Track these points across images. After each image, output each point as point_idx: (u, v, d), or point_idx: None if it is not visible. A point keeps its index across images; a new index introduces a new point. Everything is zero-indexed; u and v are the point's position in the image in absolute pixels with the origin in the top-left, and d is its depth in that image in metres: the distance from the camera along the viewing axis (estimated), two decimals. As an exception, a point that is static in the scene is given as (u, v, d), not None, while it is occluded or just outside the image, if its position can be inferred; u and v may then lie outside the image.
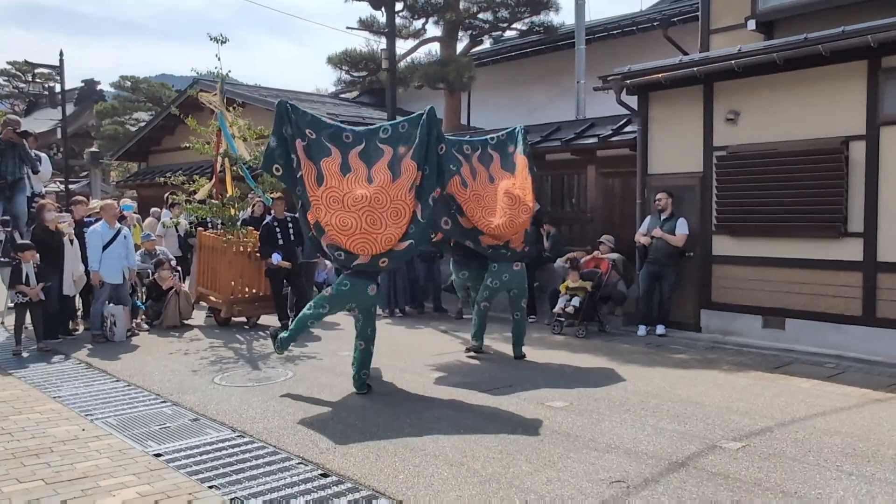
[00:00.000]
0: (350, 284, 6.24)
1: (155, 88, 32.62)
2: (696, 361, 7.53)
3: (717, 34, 9.80)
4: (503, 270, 7.53)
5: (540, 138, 11.69)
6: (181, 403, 5.97)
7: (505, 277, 7.54)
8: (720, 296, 8.79)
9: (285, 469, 4.49)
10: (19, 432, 5.22)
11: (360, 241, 5.95)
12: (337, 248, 6.04)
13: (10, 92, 44.16)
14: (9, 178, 8.78)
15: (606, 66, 10.36)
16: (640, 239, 9.16)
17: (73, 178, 28.16)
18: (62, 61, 25.37)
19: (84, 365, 7.49)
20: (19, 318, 8.10)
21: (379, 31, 16.06)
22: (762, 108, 8.39)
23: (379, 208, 6.00)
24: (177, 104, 17.64)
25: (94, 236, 8.72)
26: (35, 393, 6.36)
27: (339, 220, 5.94)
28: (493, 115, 17.63)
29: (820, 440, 4.93)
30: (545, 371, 7.13)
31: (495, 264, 7.50)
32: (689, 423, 5.31)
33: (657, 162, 9.45)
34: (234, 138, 9.76)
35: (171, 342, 8.71)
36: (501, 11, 16.21)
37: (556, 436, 5.06)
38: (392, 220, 6.03)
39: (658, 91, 9.27)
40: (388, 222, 6.02)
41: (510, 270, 7.56)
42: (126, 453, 4.79)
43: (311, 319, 6.43)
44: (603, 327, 9.32)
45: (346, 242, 5.94)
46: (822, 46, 7.46)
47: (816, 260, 7.98)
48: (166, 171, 14.73)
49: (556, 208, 11.73)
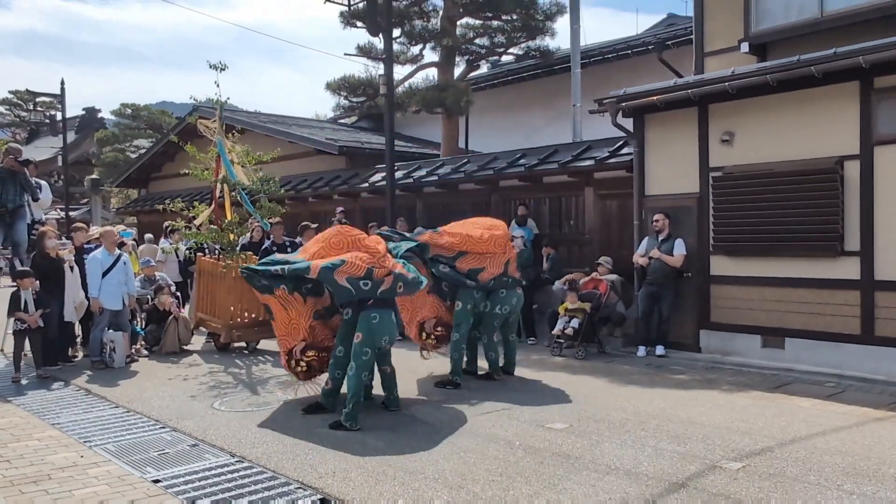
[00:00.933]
0: (379, 317, 6.04)
1: (155, 116, 32.90)
2: (695, 382, 7.52)
3: (711, 57, 9.90)
4: (511, 296, 7.64)
5: (537, 161, 11.78)
6: (180, 429, 5.95)
7: (514, 302, 7.68)
8: (719, 316, 8.79)
9: (284, 494, 4.47)
10: (17, 459, 5.20)
11: (378, 268, 6.06)
12: (360, 279, 5.98)
13: (12, 120, 44.48)
14: (9, 206, 8.83)
15: (602, 90, 10.47)
16: (638, 260, 9.19)
17: (73, 205, 28.28)
18: (63, 90, 25.62)
19: (83, 391, 7.48)
20: (18, 345, 8.09)
21: (377, 57, 16.24)
22: (757, 129, 8.46)
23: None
24: (176, 131, 17.80)
25: (94, 263, 8.74)
26: (34, 420, 6.35)
27: (354, 256, 6.04)
28: (491, 139, 17.77)
29: (821, 459, 4.92)
30: (545, 393, 7.11)
31: (503, 291, 7.57)
32: (689, 444, 5.30)
33: (654, 183, 9.51)
34: (233, 164, 9.83)
35: (170, 368, 8.70)
36: (498, 37, 16.39)
37: (556, 458, 5.04)
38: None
39: (653, 113, 9.35)
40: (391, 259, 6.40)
41: (517, 295, 7.74)
42: (125, 479, 4.77)
43: (365, 372, 6.06)
44: (602, 348, 9.31)
45: (366, 267, 5.99)
46: (815, 68, 7.55)
47: (814, 279, 8.01)
48: (166, 198, 14.83)
49: (555, 230, 11.78)
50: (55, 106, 38.80)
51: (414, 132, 20.90)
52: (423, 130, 20.41)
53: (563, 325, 9.17)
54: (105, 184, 29.22)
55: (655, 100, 8.91)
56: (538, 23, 15.84)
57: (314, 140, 16.98)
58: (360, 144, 17.27)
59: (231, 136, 10.12)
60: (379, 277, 6.00)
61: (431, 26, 16.20)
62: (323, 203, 16.34)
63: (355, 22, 15.91)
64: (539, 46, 16.45)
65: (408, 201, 14.20)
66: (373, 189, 14.67)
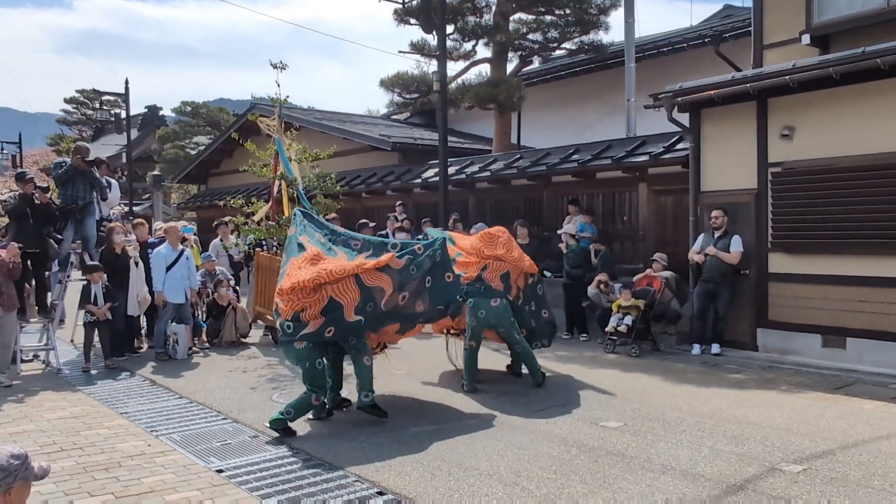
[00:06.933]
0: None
1: (213, 113, 33.72)
2: (752, 381, 7.40)
3: (770, 49, 9.66)
4: (479, 307, 7.10)
5: (591, 157, 11.69)
6: (241, 420, 6.14)
7: (481, 314, 7.10)
8: (777, 314, 8.61)
9: (342, 487, 4.59)
10: (90, 447, 5.45)
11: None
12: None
13: (79, 118, 46.17)
14: (79, 202, 9.19)
15: (657, 84, 10.34)
16: (694, 257, 9.06)
17: (136, 201, 29.18)
18: (127, 89, 26.40)
19: (148, 382, 7.77)
20: (88, 337, 8.45)
21: (430, 54, 16.33)
22: (818, 123, 8.24)
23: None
24: (235, 128, 18.21)
25: (159, 258, 9.06)
26: (103, 409, 6.63)
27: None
28: (544, 135, 17.68)
29: (885, 464, 4.80)
30: (598, 390, 7.09)
31: (471, 300, 7.09)
32: (747, 445, 5.23)
33: (710, 179, 9.35)
34: (290, 161, 10.04)
35: (230, 360, 8.96)
36: (551, 32, 16.28)
37: (610, 456, 5.04)
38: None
39: (710, 108, 9.19)
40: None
41: (487, 307, 7.12)
42: (190, 469, 4.96)
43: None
44: (656, 346, 9.22)
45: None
46: (881, 60, 7.32)
47: (878, 277, 7.77)
48: (225, 194, 15.18)
49: (608, 226, 11.68)
50: (119, 104, 40.16)
51: (466, 128, 20.95)
52: (476, 126, 20.44)
53: (616, 322, 9.11)
54: (166, 180, 30.10)
55: (713, 94, 8.76)
56: (592, 17, 15.69)
57: (368, 136, 17.18)
58: (412, 140, 17.41)
59: (289, 133, 10.34)
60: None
61: (484, 22, 16.20)
62: (376, 199, 16.54)
63: (409, 19, 16.02)
64: (592, 41, 16.29)
65: (460, 197, 14.26)
66: (425, 185, 14.78)
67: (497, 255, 7.29)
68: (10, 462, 2.32)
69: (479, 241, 7.48)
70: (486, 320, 7.16)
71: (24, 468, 2.35)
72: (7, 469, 2.30)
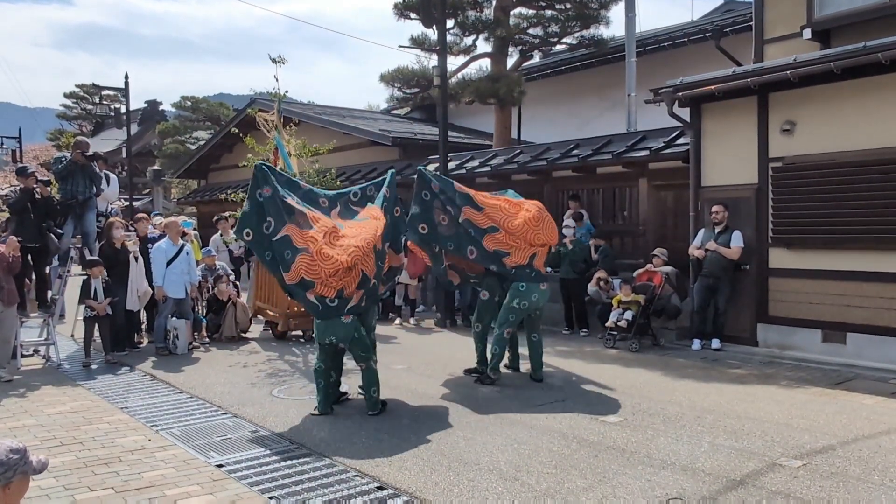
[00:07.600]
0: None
1: (213, 108, 33.61)
2: (753, 376, 7.40)
3: (771, 44, 9.66)
4: (532, 291, 7.06)
5: (591, 152, 11.67)
6: (241, 415, 6.14)
7: (534, 298, 7.08)
8: (777, 309, 8.61)
9: (342, 481, 4.59)
10: (90, 441, 5.45)
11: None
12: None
13: (79, 113, 46.13)
14: (79, 197, 9.19)
15: (657, 79, 10.33)
16: (695, 252, 9.05)
17: (136, 196, 29.15)
18: (127, 84, 26.28)
19: (149, 377, 7.77)
20: (88, 332, 8.45)
21: (430, 49, 16.29)
22: (819, 118, 8.23)
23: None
24: (235, 123, 18.19)
25: (159, 253, 9.06)
26: (103, 403, 6.63)
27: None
28: (544, 130, 17.66)
29: (885, 459, 4.80)
30: (598, 385, 7.09)
31: (523, 283, 7.02)
32: (747, 440, 5.24)
33: (711, 174, 9.34)
34: (290, 156, 10.04)
35: (231, 355, 8.96)
36: (552, 26, 16.23)
37: (610, 451, 5.05)
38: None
39: (711, 103, 9.18)
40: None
41: (538, 290, 7.13)
42: (190, 463, 4.96)
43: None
44: (657, 341, 9.22)
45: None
46: (882, 55, 7.30)
47: (879, 272, 7.77)
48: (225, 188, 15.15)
49: (608, 222, 11.68)
50: (119, 99, 40.08)
51: (467, 123, 20.91)
52: (476, 121, 20.40)
53: (616, 317, 9.11)
54: (166, 174, 30.08)
55: (714, 89, 8.74)
56: (592, 12, 15.64)
57: (368, 131, 17.14)
58: (413, 135, 17.37)
59: (288, 128, 10.33)
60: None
61: (484, 17, 16.15)
62: (376, 194, 16.48)
63: (409, 13, 15.97)
64: (593, 36, 16.23)
65: (460, 192, 14.19)
66: (425, 180, 14.72)
67: (545, 243, 7.23)
68: (9, 457, 2.31)
69: (527, 226, 7.02)
70: (537, 304, 7.19)
71: (24, 462, 2.35)
72: (6, 464, 2.30)
